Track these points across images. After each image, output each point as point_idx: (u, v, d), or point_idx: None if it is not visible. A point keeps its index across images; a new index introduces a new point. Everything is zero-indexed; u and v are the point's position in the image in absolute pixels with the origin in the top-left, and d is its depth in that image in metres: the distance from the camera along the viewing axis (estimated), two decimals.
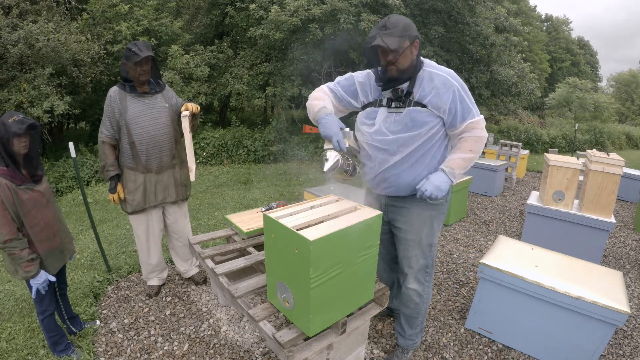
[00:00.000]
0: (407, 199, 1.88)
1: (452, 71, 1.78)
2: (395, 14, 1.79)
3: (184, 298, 2.76)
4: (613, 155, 3.22)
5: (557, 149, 9.96)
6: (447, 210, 1.97)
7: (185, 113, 2.33)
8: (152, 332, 2.41)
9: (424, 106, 1.72)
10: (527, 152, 7.04)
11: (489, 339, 2.37)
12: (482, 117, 1.76)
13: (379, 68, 1.76)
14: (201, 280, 2.92)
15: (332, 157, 1.59)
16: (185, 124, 2.33)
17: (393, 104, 1.78)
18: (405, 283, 2.00)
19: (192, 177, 2.48)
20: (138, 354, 2.21)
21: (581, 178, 3.94)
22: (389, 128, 1.77)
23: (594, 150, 3.45)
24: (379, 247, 2.15)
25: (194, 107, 2.42)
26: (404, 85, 1.76)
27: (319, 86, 1.98)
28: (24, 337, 2.34)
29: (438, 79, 1.73)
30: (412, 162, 1.77)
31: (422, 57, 1.80)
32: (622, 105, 23.21)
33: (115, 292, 2.87)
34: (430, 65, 1.79)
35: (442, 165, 1.75)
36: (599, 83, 27.84)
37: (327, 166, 1.58)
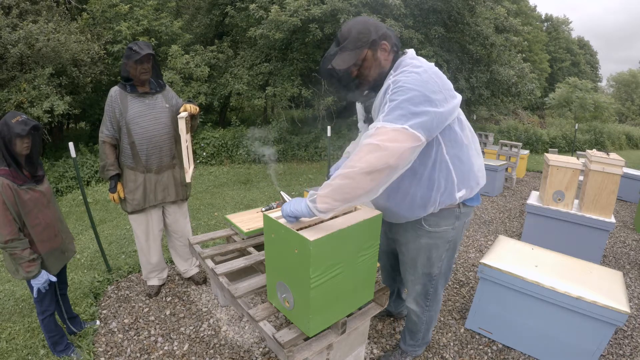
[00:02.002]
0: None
1: (411, 68, 1.38)
2: (351, 20, 1.48)
3: (184, 298, 2.76)
4: (613, 155, 3.22)
5: (557, 149, 9.97)
6: (454, 239, 1.70)
7: (182, 115, 2.33)
8: (152, 332, 2.41)
9: None
10: (527, 152, 7.04)
11: (489, 339, 2.37)
12: (393, 126, 1.26)
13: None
14: (201, 280, 2.92)
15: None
16: (182, 126, 2.31)
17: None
18: (406, 300, 1.95)
19: (187, 179, 2.48)
20: (138, 354, 2.22)
21: (581, 178, 3.94)
22: None
23: (594, 150, 3.44)
24: (382, 256, 2.15)
25: (192, 107, 2.42)
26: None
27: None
28: (24, 337, 2.34)
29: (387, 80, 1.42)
30: (387, 190, 1.47)
31: (408, 51, 1.52)
32: (622, 105, 23.19)
33: (115, 292, 2.87)
34: (399, 65, 1.44)
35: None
36: (599, 83, 27.85)
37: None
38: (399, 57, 1.48)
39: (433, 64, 1.49)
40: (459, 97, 1.50)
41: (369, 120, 1.64)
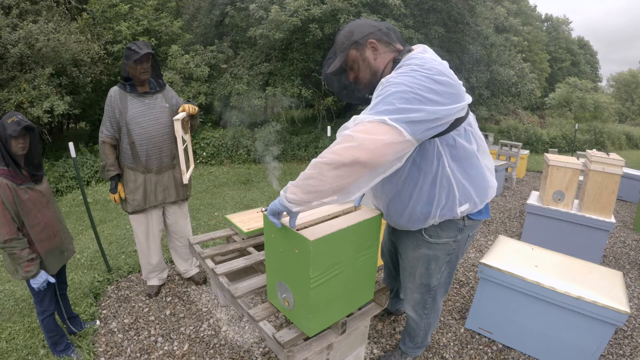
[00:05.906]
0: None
1: (407, 68, 1.26)
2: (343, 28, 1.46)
3: (184, 298, 2.76)
4: (613, 155, 3.22)
5: (557, 149, 9.96)
6: (455, 252, 1.63)
7: (178, 116, 2.32)
8: (152, 332, 2.41)
9: None
10: (527, 152, 7.04)
11: (489, 339, 2.37)
12: (371, 118, 1.15)
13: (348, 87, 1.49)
14: (201, 280, 2.92)
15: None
16: (178, 127, 2.30)
17: None
18: (405, 305, 1.93)
19: (185, 180, 2.47)
20: (138, 354, 2.21)
21: (581, 178, 3.94)
22: None
23: (594, 150, 3.44)
24: (385, 253, 2.15)
25: (191, 108, 2.42)
26: None
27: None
28: (24, 337, 2.34)
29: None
30: (389, 196, 1.45)
31: (414, 47, 1.44)
32: (622, 105, 23.16)
33: (115, 292, 2.86)
34: (401, 66, 1.33)
35: None
36: (599, 83, 27.81)
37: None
38: (403, 55, 1.39)
39: (446, 63, 1.38)
40: (466, 100, 1.35)
41: None
